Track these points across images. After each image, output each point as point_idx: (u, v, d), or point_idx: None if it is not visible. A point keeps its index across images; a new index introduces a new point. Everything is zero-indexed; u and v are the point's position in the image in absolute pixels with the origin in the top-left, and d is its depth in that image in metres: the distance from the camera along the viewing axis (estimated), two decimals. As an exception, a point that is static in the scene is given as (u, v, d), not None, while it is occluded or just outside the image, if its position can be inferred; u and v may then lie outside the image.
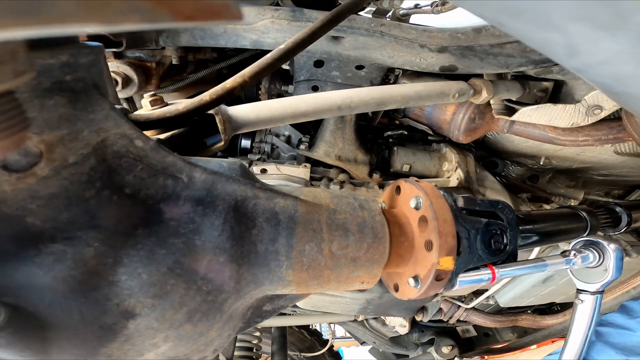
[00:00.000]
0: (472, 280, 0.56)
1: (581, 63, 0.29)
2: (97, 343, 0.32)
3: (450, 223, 0.51)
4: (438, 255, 0.49)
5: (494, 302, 1.41)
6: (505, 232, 0.59)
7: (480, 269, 0.57)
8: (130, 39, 0.78)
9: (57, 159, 0.33)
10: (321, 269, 0.50)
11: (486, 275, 0.57)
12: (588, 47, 0.26)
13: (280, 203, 0.49)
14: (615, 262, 0.70)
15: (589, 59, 0.28)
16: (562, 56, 0.29)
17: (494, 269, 0.58)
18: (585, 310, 0.76)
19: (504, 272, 0.58)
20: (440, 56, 0.86)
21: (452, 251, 0.50)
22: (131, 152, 0.38)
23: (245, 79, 0.55)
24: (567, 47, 0.27)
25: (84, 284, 0.31)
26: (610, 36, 0.25)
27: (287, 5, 0.89)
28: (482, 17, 0.31)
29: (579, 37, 0.26)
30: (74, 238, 0.33)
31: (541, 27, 0.26)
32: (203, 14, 0.15)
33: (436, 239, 0.49)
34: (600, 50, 0.26)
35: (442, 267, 0.50)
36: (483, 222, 0.57)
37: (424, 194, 0.53)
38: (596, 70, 0.30)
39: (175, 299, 0.36)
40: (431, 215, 0.51)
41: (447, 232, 0.50)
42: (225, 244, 0.42)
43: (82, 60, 0.32)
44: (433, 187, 0.55)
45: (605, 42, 0.25)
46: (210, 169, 0.44)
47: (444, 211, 0.52)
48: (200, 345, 0.42)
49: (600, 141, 0.96)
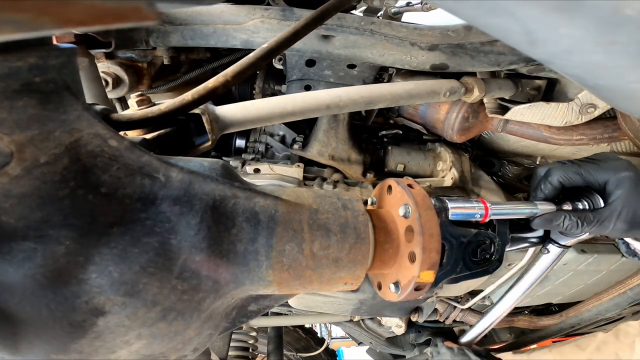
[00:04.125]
0: (465, 214, 0.57)
1: (545, 52, 0.28)
2: (67, 339, 0.32)
3: (437, 238, 0.50)
4: (419, 269, 0.49)
5: (490, 303, 1.40)
6: (494, 242, 0.59)
7: (473, 202, 0.59)
8: (119, 40, 0.78)
9: (28, 158, 0.33)
10: (302, 269, 0.50)
11: (479, 211, 0.58)
12: (547, 33, 0.25)
13: (260, 203, 0.49)
14: None
15: (552, 48, 0.27)
16: (524, 44, 0.27)
17: (486, 204, 0.59)
18: (546, 262, 0.76)
19: (496, 210, 0.59)
20: (431, 54, 0.85)
21: (434, 266, 0.50)
22: (106, 152, 0.38)
23: (227, 78, 0.55)
24: (525, 35, 0.26)
25: (53, 281, 0.32)
26: (567, 20, 0.23)
27: (279, 5, 0.89)
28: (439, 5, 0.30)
29: (532, 22, 0.24)
30: (45, 236, 0.34)
31: (490, 12, 0.25)
32: (104, 18, 0.15)
33: (419, 253, 0.49)
34: (561, 36, 0.25)
35: (422, 280, 0.49)
36: (472, 233, 0.57)
37: (414, 204, 0.51)
38: (563, 60, 0.29)
39: (148, 298, 0.36)
40: (418, 229, 0.50)
41: (431, 248, 0.49)
42: (202, 243, 0.42)
43: (52, 62, 0.33)
44: (424, 195, 0.54)
45: (564, 28, 0.24)
46: (188, 169, 0.44)
47: (432, 225, 0.50)
48: (177, 344, 0.42)
49: (596, 140, 0.95)
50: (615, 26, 0.22)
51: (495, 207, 0.59)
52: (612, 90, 0.32)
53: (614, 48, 0.24)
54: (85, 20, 0.15)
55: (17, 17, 0.14)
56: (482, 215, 0.58)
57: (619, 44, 0.24)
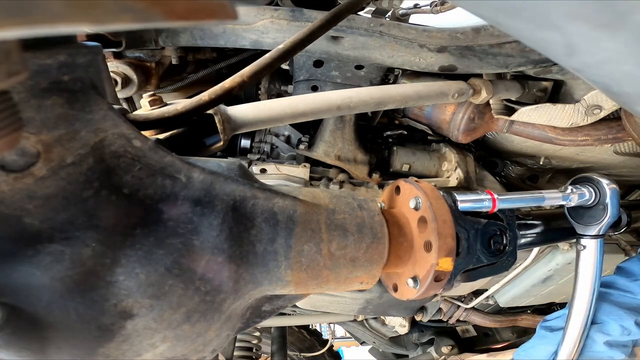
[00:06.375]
0: (473, 205, 0.57)
1: (580, 62, 0.29)
2: (95, 343, 0.32)
3: (450, 224, 0.51)
4: (437, 257, 0.49)
5: (493, 302, 1.41)
6: (505, 233, 0.59)
7: (480, 194, 0.58)
8: (129, 39, 0.78)
9: (54, 159, 0.33)
10: (320, 269, 0.50)
11: (487, 202, 0.58)
12: (587, 46, 0.26)
13: (279, 203, 0.49)
14: (612, 198, 0.67)
15: (588, 59, 0.28)
16: (561, 56, 0.29)
17: (494, 195, 0.58)
18: (589, 257, 0.71)
19: (503, 201, 0.59)
20: (439, 56, 0.86)
21: (452, 252, 0.50)
22: (129, 152, 0.38)
23: (244, 78, 0.55)
24: (566, 47, 0.27)
25: (81, 284, 0.31)
26: (609, 35, 0.24)
27: (287, 5, 0.89)
28: (480, 16, 0.31)
29: (577, 36, 0.25)
30: (71, 238, 0.33)
31: (540, 26, 0.26)
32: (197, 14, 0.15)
33: (435, 240, 0.49)
34: (600, 49, 0.26)
35: (441, 268, 0.50)
36: (482, 223, 0.57)
37: (424, 195, 0.53)
38: (595, 69, 0.30)
39: (173, 300, 0.36)
40: (431, 216, 0.51)
41: (446, 233, 0.50)
42: (224, 244, 0.42)
43: (80, 60, 0.32)
44: (432, 187, 0.55)
45: (605, 42, 0.25)
46: (209, 169, 0.44)
47: (444, 212, 0.52)
48: (199, 346, 0.42)
49: (600, 141, 0.96)
50: None
51: (502, 197, 0.59)
52: (636, 96, 0.33)
53: None
54: (184, 15, 0.15)
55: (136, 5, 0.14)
56: (490, 205, 0.58)
57: None
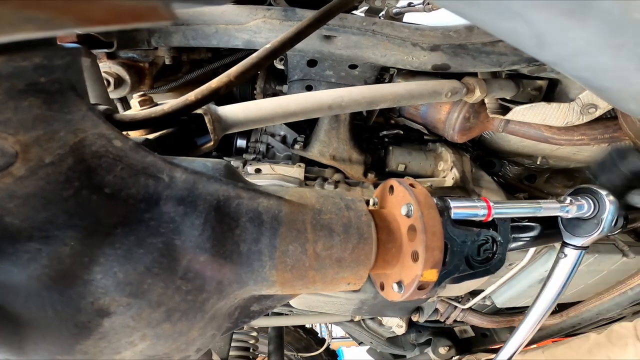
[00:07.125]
0: (468, 213, 0.57)
1: (553, 55, 0.28)
2: (73, 340, 0.32)
3: (439, 236, 0.50)
4: (422, 268, 0.49)
5: (490, 303, 1.40)
6: (497, 241, 0.59)
7: (476, 201, 0.58)
8: (121, 40, 0.78)
9: (33, 159, 0.33)
10: (305, 269, 0.50)
11: (482, 210, 0.57)
12: (556, 36, 0.25)
13: (264, 203, 0.49)
14: (610, 215, 0.66)
15: (560, 50, 0.27)
16: (533, 47, 0.28)
17: (489, 203, 0.58)
18: (566, 266, 0.73)
19: (499, 210, 0.58)
20: (432, 55, 0.85)
21: (437, 264, 0.50)
22: (110, 152, 0.38)
23: (230, 78, 0.55)
24: (535, 37, 0.26)
25: (58, 282, 0.32)
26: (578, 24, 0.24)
27: (281, 5, 0.89)
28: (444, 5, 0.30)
29: (544, 25, 0.24)
30: (50, 237, 0.34)
31: (501, 15, 0.25)
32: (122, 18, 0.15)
33: (423, 252, 0.49)
34: (570, 39, 0.25)
35: (426, 279, 0.49)
36: (475, 232, 0.57)
37: (416, 203, 0.51)
38: (570, 62, 0.29)
39: (153, 298, 0.36)
40: (421, 227, 0.50)
41: (434, 246, 0.49)
42: (206, 243, 0.42)
43: (58, 62, 0.32)
44: (426, 194, 0.54)
45: (574, 31, 0.24)
46: (192, 169, 0.44)
47: (434, 223, 0.51)
48: (181, 345, 0.42)
49: (596, 140, 0.95)
50: (624, 29, 0.22)
51: (498, 206, 0.59)
52: (617, 91, 0.33)
53: (621, 51, 0.24)
54: (104, 20, 0.15)
55: (39, 15, 0.14)
56: (485, 214, 0.58)
57: (626, 47, 0.24)
